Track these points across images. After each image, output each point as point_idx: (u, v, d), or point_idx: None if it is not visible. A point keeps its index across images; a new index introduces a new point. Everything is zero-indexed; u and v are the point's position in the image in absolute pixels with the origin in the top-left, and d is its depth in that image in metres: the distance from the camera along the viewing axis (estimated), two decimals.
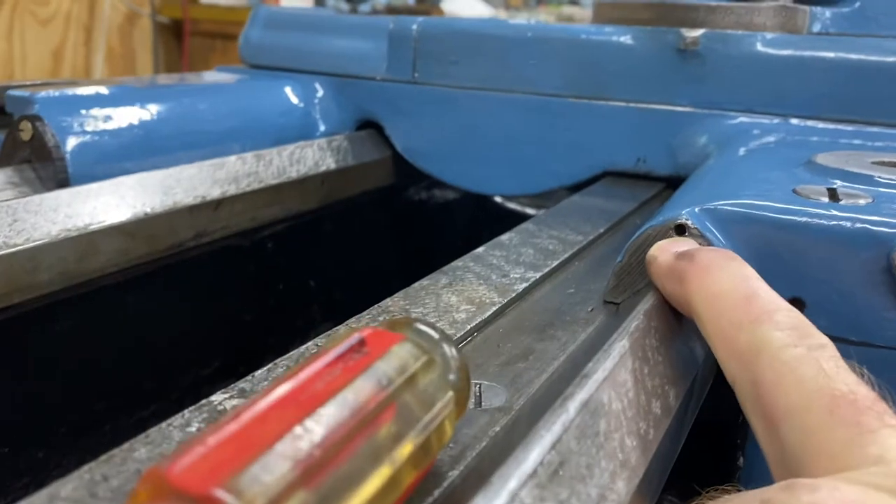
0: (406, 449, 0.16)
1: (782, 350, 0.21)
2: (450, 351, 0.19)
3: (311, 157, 0.51)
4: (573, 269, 0.34)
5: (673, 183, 0.49)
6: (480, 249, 0.35)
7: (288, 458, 0.14)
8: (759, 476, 0.31)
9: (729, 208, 0.28)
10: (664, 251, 0.28)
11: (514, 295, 0.30)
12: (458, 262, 0.33)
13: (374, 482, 0.15)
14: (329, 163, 0.52)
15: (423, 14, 1.75)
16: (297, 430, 0.14)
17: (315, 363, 0.17)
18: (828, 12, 0.49)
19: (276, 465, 0.13)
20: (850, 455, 0.18)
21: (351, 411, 0.15)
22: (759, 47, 0.45)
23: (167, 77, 0.55)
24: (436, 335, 0.19)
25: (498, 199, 0.73)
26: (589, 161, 0.51)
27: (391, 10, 1.79)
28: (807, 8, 0.47)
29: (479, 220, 0.73)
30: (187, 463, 0.13)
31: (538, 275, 0.32)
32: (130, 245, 0.39)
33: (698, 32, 0.46)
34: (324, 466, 0.14)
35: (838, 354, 0.21)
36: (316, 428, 0.15)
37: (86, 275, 0.37)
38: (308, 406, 0.15)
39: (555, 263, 0.33)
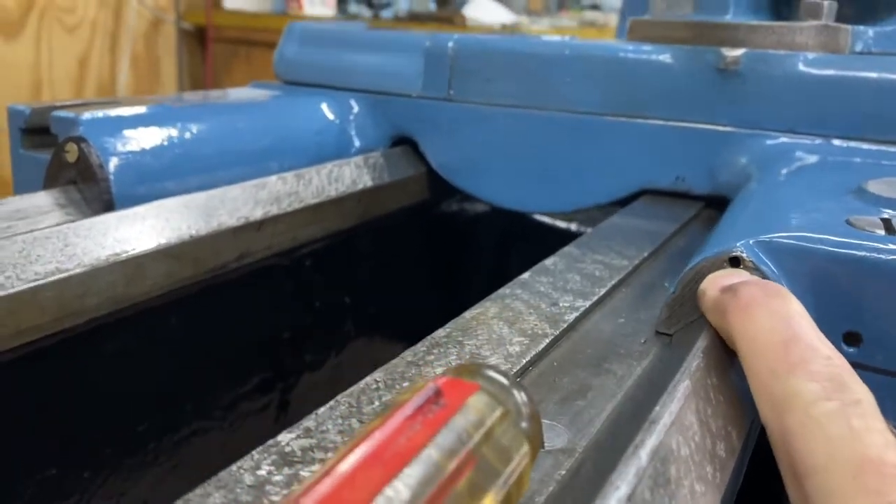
0: (491, 502, 0.16)
1: (813, 405, 0.21)
2: (521, 398, 0.19)
3: (349, 175, 0.51)
4: (621, 297, 0.34)
5: (711, 202, 0.48)
6: (526, 275, 0.35)
7: None
8: None
9: (785, 241, 0.28)
10: (713, 284, 0.27)
11: (565, 326, 0.30)
12: (505, 290, 0.33)
13: None
14: (366, 180, 0.53)
15: (446, 20, 1.75)
16: (388, 493, 0.14)
17: (395, 417, 0.17)
18: (870, 31, 0.49)
19: None
20: None
21: (436, 469, 0.16)
22: (801, 67, 0.45)
23: (205, 94, 0.56)
24: (506, 382, 0.19)
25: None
26: (626, 179, 0.50)
27: (413, 17, 1.79)
28: (849, 27, 0.47)
29: (510, 235, 0.73)
30: None
31: (587, 303, 0.32)
32: (176, 268, 0.39)
33: (739, 52, 0.46)
34: None
35: (874, 410, 0.21)
36: (404, 490, 0.15)
37: (132, 298, 0.37)
38: (394, 466, 0.15)
39: (602, 291, 0.33)
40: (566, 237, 0.69)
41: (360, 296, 0.57)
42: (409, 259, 0.63)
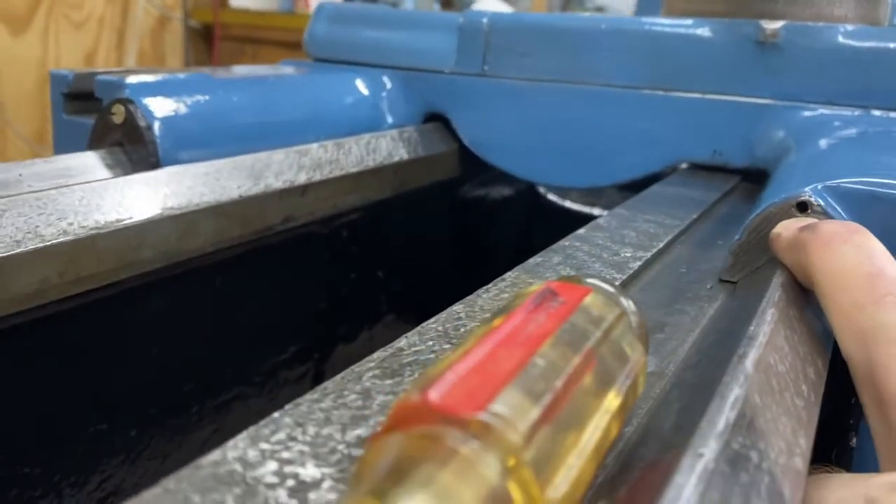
0: (613, 400, 0.16)
1: None
2: (629, 305, 0.19)
3: (385, 147, 0.52)
4: (678, 251, 0.34)
5: (748, 176, 0.49)
6: (582, 231, 0.35)
7: (531, 390, 0.14)
8: (872, 458, 0.31)
9: (854, 186, 0.28)
10: (788, 228, 0.28)
11: (630, 272, 0.30)
12: (564, 242, 0.33)
13: (592, 427, 0.15)
14: (402, 153, 0.53)
15: None
16: (531, 365, 0.15)
17: (520, 310, 0.17)
18: None
19: (523, 397, 0.14)
20: None
21: (568, 355, 0.16)
22: (841, 39, 0.45)
23: (241, 68, 0.56)
24: (613, 289, 0.19)
25: (551, 196, 0.73)
26: (663, 153, 0.51)
27: None
28: (889, 0, 0.47)
29: (533, 215, 0.73)
30: (445, 390, 0.13)
31: (648, 254, 0.32)
32: (226, 226, 0.39)
33: (778, 24, 0.46)
34: (559, 404, 0.14)
35: None
36: (545, 365, 0.15)
37: (185, 254, 0.37)
38: (531, 345, 0.15)
39: (660, 245, 0.33)
40: (589, 219, 0.70)
41: (392, 269, 0.57)
42: (438, 234, 0.63)
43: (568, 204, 0.73)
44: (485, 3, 1.83)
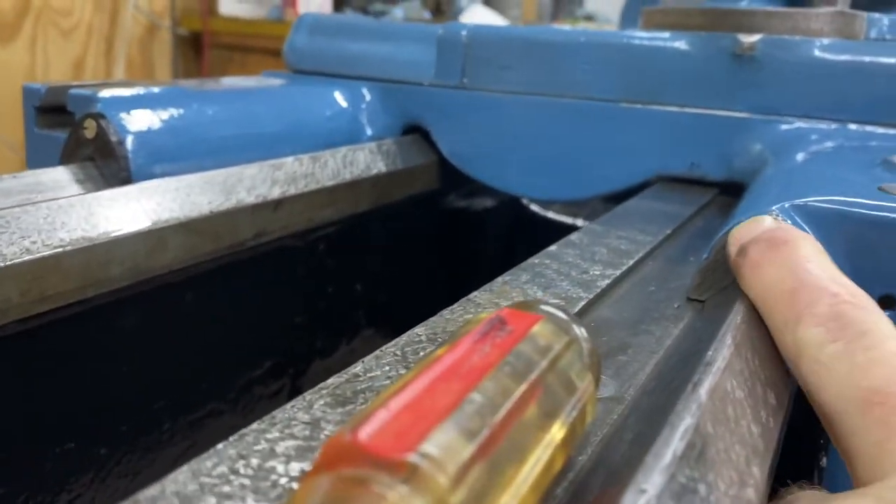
0: (559, 431, 0.16)
1: (820, 349, 0.21)
2: (581, 332, 0.19)
3: (363, 160, 0.51)
4: (648, 269, 0.34)
5: (726, 189, 0.49)
6: (553, 248, 0.35)
7: (465, 428, 0.14)
8: (843, 477, 0.31)
9: (820, 204, 0.28)
10: (734, 241, 0.27)
11: (598, 291, 0.30)
12: (534, 259, 0.33)
13: (533, 461, 0.15)
14: (379, 166, 0.52)
15: None
16: (468, 401, 0.14)
17: (466, 339, 0.16)
18: (885, 18, 0.49)
19: (456, 435, 0.13)
20: (883, 461, 0.18)
21: (509, 387, 0.15)
22: (817, 53, 0.45)
23: (219, 80, 0.56)
24: (566, 316, 0.19)
25: (534, 207, 0.73)
26: (641, 166, 0.51)
27: None
28: (864, 14, 0.47)
29: (515, 227, 0.73)
30: (374, 430, 0.13)
31: (617, 272, 0.32)
32: (196, 242, 0.39)
33: (755, 38, 0.46)
34: (495, 441, 0.14)
35: (884, 336, 0.20)
36: (483, 400, 0.15)
37: (153, 270, 0.37)
38: (471, 379, 0.15)
39: (631, 262, 0.33)
40: (571, 230, 0.69)
41: (371, 282, 0.56)
42: (418, 247, 0.63)
43: (551, 214, 0.73)
44: (474, 11, 1.83)
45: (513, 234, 0.73)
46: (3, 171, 0.38)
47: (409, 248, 0.62)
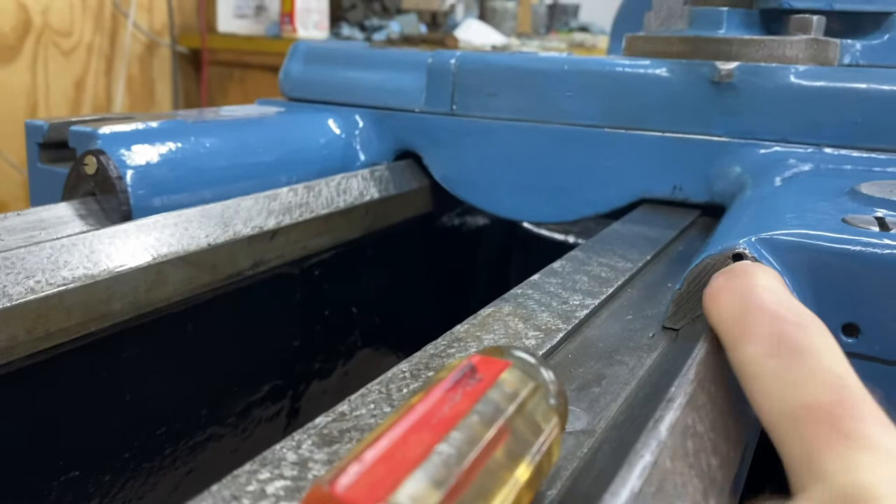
0: (524, 472, 0.17)
1: (758, 366, 0.21)
2: (549, 375, 0.20)
3: (357, 187, 0.53)
4: (627, 296, 0.35)
5: (708, 210, 0.50)
6: (536, 277, 0.36)
7: (433, 478, 0.15)
8: None
9: (785, 238, 0.29)
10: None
11: (577, 322, 0.31)
12: (517, 290, 0.34)
13: (499, 501, 0.17)
14: (373, 192, 0.54)
15: (438, 42, 1.78)
16: (437, 452, 0.16)
17: (436, 389, 0.18)
18: (858, 44, 0.51)
19: (426, 485, 0.15)
20: (806, 473, 0.18)
21: (477, 435, 0.17)
22: (792, 79, 0.47)
23: (216, 110, 0.57)
24: (534, 361, 0.20)
25: (528, 224, 0.75)
26: (626, 189, 0.52)
27: (405, 40, 1.82)
28: (837, 41, 0.49)
29: (510, 245, 0.74)
30: (350, 481, 0.14)
31: (596, 301, 0.33)
32: (195, 274, 0.40)
33: (732, 65, 0.48)
34: (461, 487, 0.16)
35: (820, 352, 0.20)
36: (451, 451, 0.16)
37: (154, 304, 0.39)
38: (440, 430, 0.16)
39: (610, 290, 0.35)
40: (564, 248, 0.71)
41: (367, 305, 0.58)
42: (413, 269, 0.64)
43: (544, 232, 0.74)
44: (469, 25, 1.85)
45: (507, 252, 0.75)
46: (8, 190, 0.40)
47: (404, 270, 0.63)
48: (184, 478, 0.45)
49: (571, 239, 0.73)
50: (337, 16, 2.03)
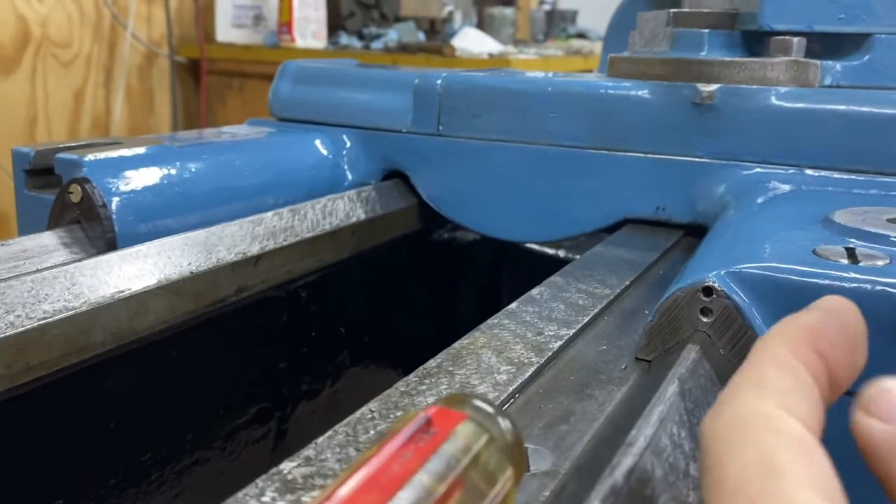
0: None
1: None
2: (505, 425, 0.20)
3: (343, 208, 0.53)
4: (603, 325, 0.36)
5: (691, 230, 0.50)
6: (513, 306, 0.36)
7: None
8: None
9: (753, 271, 0.30)
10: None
11: (549, 354, 0.31)
12: (493, 320, 0.35)
13: None
14: (359, 213, 0.54)
15: (436, 50, 1.78)
16: None
17: (388, 446, 0.18)
18: (838, 66, 0.51)
19: None
20: None
21: (427, 493, 0.17)
22: (773, 100, 0.47)
23: (203, 133, 0.58)
24: (491, 410, 0.21)
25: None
26: (609, 209, 0.52)
27: (403, 48, 1.82)
28: (818, 62, 0.49)
29: (499, 262, 0.75)
30: None
31: (571, 332, 0.33)
32: (177, 303, 0.41)
33: (714, 87, 0.48)
34: None
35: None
36: None
37: (136, 333, 0.39)
38: (389, 490, 0.17)
39: (585, 319, 0.35)
40: (554, 263, 0.71)
41: (355, 325, 0.58)
42: (401, 288, 0.65)
43: (534, 247, 0.75)
44: (466, 33, 1.86)
45: (497, 269, 0.75)
46: (10, 201, 0.40)
47: (392, 289, 0.64)
48: (170, 502, 0.45)
49: (562, 253, 0.73)
50: (335, 24, 2.03)
